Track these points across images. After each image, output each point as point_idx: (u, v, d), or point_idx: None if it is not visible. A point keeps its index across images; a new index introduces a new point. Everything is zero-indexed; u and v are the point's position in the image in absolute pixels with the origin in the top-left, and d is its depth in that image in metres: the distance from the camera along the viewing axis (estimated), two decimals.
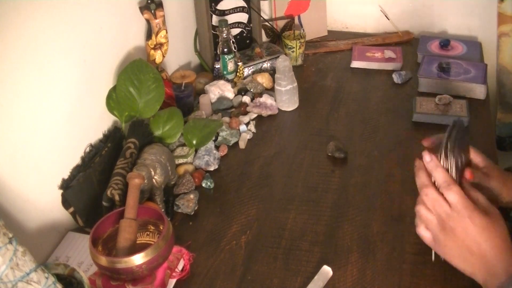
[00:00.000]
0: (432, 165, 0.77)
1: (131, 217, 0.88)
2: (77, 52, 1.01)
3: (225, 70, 1.44)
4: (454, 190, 0.74)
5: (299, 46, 1.53)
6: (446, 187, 0.75)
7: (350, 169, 1.14)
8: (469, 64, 1.42)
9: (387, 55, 1.55)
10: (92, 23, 1.05)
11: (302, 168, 1.15)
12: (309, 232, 0.99)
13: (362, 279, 0.89)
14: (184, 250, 0.93)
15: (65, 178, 0.99)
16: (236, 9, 1.50)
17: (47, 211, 0.96)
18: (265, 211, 1.05)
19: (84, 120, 1.05)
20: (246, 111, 1.34)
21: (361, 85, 1.45)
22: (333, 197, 1.07)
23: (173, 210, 1.05)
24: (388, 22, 1.71)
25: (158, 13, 1.21)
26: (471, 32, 1.65)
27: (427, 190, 0.77)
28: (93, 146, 1.07)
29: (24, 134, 0.89)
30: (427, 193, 0.76)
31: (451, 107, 1.28)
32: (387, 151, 1.19)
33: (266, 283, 0.89)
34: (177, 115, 1.16)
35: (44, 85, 0.92)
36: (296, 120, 1.33)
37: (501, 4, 1.50)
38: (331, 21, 1.78)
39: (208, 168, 1.16)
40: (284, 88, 1.32)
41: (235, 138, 1.24)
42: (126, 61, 1.15)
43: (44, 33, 0.91)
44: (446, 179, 0.75)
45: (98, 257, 0.82)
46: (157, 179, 0.99)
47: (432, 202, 0.76)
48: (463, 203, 0.73)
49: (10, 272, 0.68)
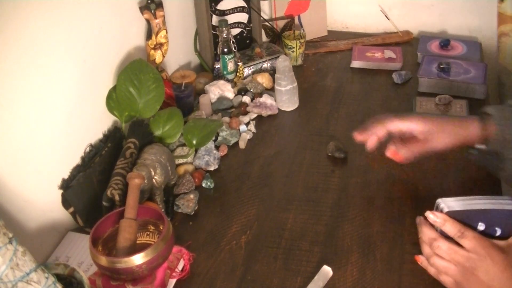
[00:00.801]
0: (441, 221, 0.77)
1: (131, 217, 0.88)
2: (77, 52, 1.01)
3: (225, 70, 1.44)
4: (468, 236, 0.75)
5: (299, 46, 1.53)
6: (460, 236, 0.76)
7: (350, 169, 1.14)
8: (469, 64, 1.42)
9: (387, 55, 1.55)
10: (92, 23, 1.05)
11: (302, 168, 1.15)
12: (309, 232, 0.99)
13: (362, 279, 0.89)
14: (184, 250, 0.93)
15: (65, 178, 0.99)
16: (236, 9, 1.50)
17: (47, 211, 0.96)
18: (265, 211, 1.05)
19: (84, 120, 1.05)
20: (246, 111, 1.34)
21: (361, 85, 1.45)
22: (333, 197, 1.07)
23: (173, 210, 1.05)
24: (388, 22, 1.71)
25: (158, 13, 1.21)
26: (471, 32, 1.65)
27: (438, 242, 0.78)
28: (93, 146, 1.07)
29: (24, 134, 0.89)
30: (439, 245, 0.78)
31: (451, 107, 1.28)
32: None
33: (266, 283, 0.89)
34: (177, 115, 1.16)
35: (44, 85, 0.92)
36: (296, 120, 1.33)
37: (501, 4, 1.49)
38: (331, 21, 1.78)
39: (208, 168, 1.16)
40: (284, 88, 1.32)
41: (235, 138, 1.24)
42: (126, 61, 1.15)
43: (44, 33, 0.91)
44: (458, 228, 0.76)
45: (98, 257, 0.82)
46: (157, 179, 0.99)
47: (447, 251, 0.77)
48: (480, 244, 0.74)
49: (10, 272, 0.68)
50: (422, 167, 1.12)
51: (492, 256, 0.73)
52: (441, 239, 0.77)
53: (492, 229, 0.77)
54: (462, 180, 1.08)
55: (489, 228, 0.77)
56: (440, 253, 0.78)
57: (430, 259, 0.79)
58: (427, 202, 0.84)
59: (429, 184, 1.08)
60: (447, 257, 0.77)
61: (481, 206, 0.77)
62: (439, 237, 0.78)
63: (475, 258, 0.74)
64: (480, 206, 0.77)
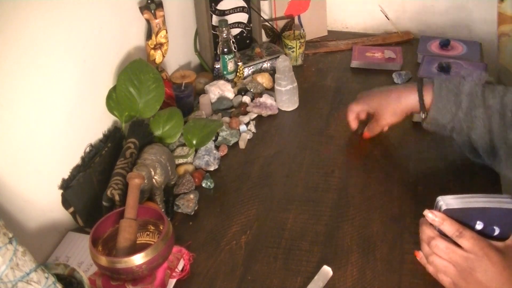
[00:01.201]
0: (439, 220, 0.77)
1: (131, 217, 0.88)
2: (77, 52, 1.01)
3: (225, 70, 1.44)
4: (466, 236, 0.74)
5: (299, 46, 1.53)
6: (458, 236, 0.75)
7: (350, 169, 1.14)
8: (469, 64, 1.42)
9: (387, 55, 1.55)
10: (92, 23, 1.05)
11: (302, 168, 1.15)
12: (309, 232, 0.99)
13: (362, 279, 0.89)
14: (184, 250, 0.93)
15: (65, 178, 0.99)
16: (236, 9, 1.50)
17: (47, 211, 0.96)
18: (265, 211, 1.05)
19: (84, 120, 1.05)
20: (246, 111, 1.34)
21: (361, 85, 1.45)
22: (333, 197, 1.07)
23: (173, 210, 1.05)
24: (388, 22, 1.71)
25: (158, 13, 1.21)
26: (471, 32, 1.65)
27: (436, 241, 0.77)
28: (93, 146, 1.07)
29: (24, 134, 0.89)
30: (437, 244, 0.77)
31: None
32: (387, 151, 1.19)
33: (266, 283, 0.89)
34: (177, 115, 1.16)
35: (44, 85, 0.92)
36: (296, 120, 1.33)
37: (501, 4, 1.49)
38: (331, 21, 1.78)
39: (208, 168, 1.16)
40: (284, 88, 1.32)
41: (235, 138, 1.24)
42: (126, 61, 1.15)
43: (44, 33, 0.91)
44: (457, 227, 0.76)
45: (98, 257, 0.82)
46: (157, 179, 0.99)
47: (445, 251, 0.76)
48: (478, 244, 0.74)
49: (10, 272, 0.68)
50: (422, 167, 1.12)
51: (490, 256, 0.73)
52: (439, 238, 0.77)
53: (490, 228, 0.77)
54: (462, 180, 1.08)
55: (487, 227, 0.77)
56: (438, 252, 0.77)
57: (429, 257, 0.79)
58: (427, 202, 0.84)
59: (429, 184, 1.08)
60: (445, 256, 0.77)
61: (480, 205, 0.76)
62: (437, 236, 0.77)
63: (473, 258, 0.74)
64: (479, 204, 0.76)
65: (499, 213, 0.76)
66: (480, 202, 0.77)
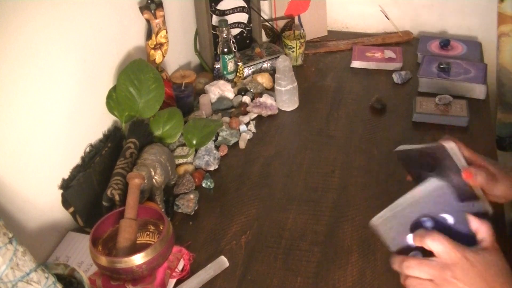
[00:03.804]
0: None
1: (131, 217, 0.88)
2: (77, 52, 1.01)
3: (225, 70, 1.44)
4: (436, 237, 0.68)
5: (299, 46, 1.53)
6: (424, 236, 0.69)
7: (350, 169, 1.14)
8: (469, 64, 1.42)
9: (387, 55, 1.55)
10: (92, 23, 1.05)
11: (302, 168, 1.15)
12: (309, 232, 0.99)
13: (362, 279, 0.89)
14: (184, 250, 0.93)
15: (65, 178, 0.99)
16: (236, 9, 1.50)
17: (47, 211, 0.96)
18: (265, 211, 1.05)
19: (84, 120, 1.05)
20: (246, 111, 1.34)
21: (361, 85, 1.45)
22: (333, 197, 1.07)
23: (173, 210, 1.05)
24: (388, 22, 1.71)
25: (158, 13, 1.21)
26: (471, 32, 1.65)
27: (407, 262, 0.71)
28: (93, 146, 1.07)
29: (24, 134, 0.89)
30: (408, 265, 0.70)
31: (451, 107, 1.28)
32: (387, 151, 1.19)
33: (266, 283, 0.89)
34: (177, 115, 1.16)
35: (44, 85, 0.92)
36: (296, 120, 1.33)
37: (501, 4, 1.50)
38: (331, 21, 1.78)
39: (208, 168, 1.16)
40: (284, 88, 1.32)
41: (235, 138, 1.24)
42: (126, 61, 1.15)
43: (44, 33, 0.91)
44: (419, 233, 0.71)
45: (98, 257, 0.82)
46: (157, 179, 0.99)
47: (418, 267, 0.70)
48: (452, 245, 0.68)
49: (10, 272, 0.68)
50: None
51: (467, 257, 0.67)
52: (408, 258, 0.71)
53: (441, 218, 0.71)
54: None
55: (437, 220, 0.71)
56: (412, 272, 0.70)
57: (406, 282, 0.72)
58: None
59: None
60: (420, 273, 0.70)
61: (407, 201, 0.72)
62: (406, 257, 0.71)
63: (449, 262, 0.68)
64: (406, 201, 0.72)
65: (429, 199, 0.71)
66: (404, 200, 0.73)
